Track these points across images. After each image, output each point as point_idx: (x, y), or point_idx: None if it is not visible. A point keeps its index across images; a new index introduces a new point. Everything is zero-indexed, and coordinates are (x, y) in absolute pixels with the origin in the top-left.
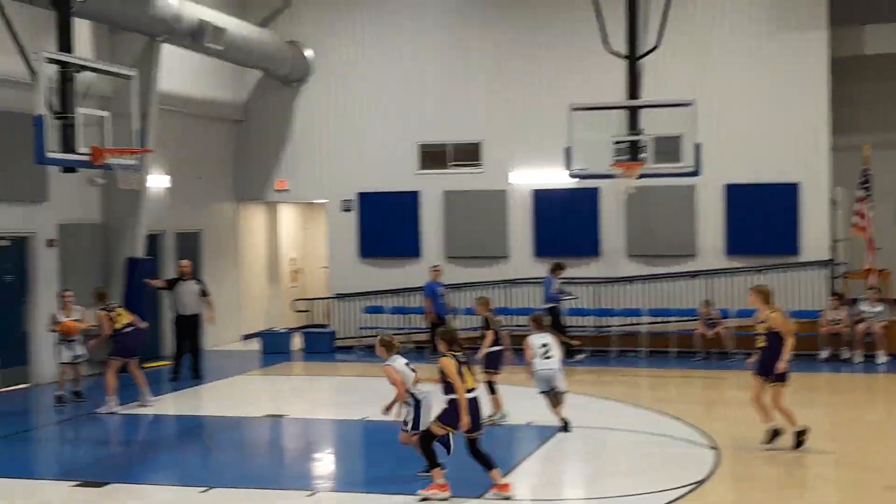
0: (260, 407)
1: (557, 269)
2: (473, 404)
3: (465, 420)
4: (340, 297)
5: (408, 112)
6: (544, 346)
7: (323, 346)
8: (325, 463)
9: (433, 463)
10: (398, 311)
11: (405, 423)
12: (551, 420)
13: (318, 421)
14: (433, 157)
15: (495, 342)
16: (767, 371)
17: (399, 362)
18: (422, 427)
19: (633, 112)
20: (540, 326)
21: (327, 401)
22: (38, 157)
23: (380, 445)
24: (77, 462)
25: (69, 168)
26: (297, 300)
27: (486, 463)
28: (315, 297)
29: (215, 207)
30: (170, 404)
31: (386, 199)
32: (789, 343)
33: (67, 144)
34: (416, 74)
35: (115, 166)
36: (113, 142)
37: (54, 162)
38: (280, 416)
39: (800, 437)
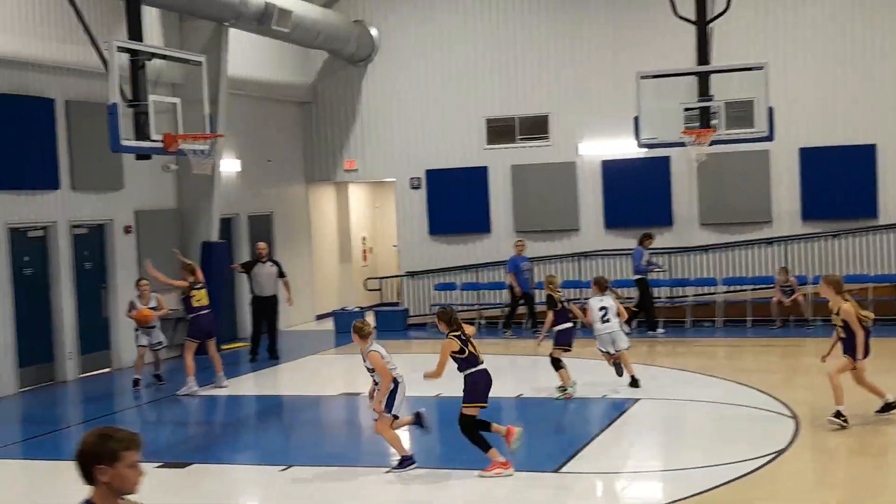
0: (335, 386)
1: (646, 239)
2: (485, 377)
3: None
4: (411, 274)
5: (474, 87)
6: (602, 308)
7: (396, 324)
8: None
9: (484, 445)
10: (469, 287)
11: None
12: (626, 393)
13: None
14: (500, 131)
15: (565, 319)
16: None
17: (381, 348)
18: (394, 410)
19: (703, 78)
20: (601, 289)
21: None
22: (114, 146)
23: (454, 422)
24: (160, 443)
25: (143, 155)
26: (369, 279)
27: (483, 427)
28: (386, 275)
29: (286, 189)
30: (249, 384)
31: (454, 176)
32: (860, 337)
33: (141, 132)
34: (481, 48)
35: (188, 152)
36: (184, 128)
37: (129, 150)
38: (355, 394)
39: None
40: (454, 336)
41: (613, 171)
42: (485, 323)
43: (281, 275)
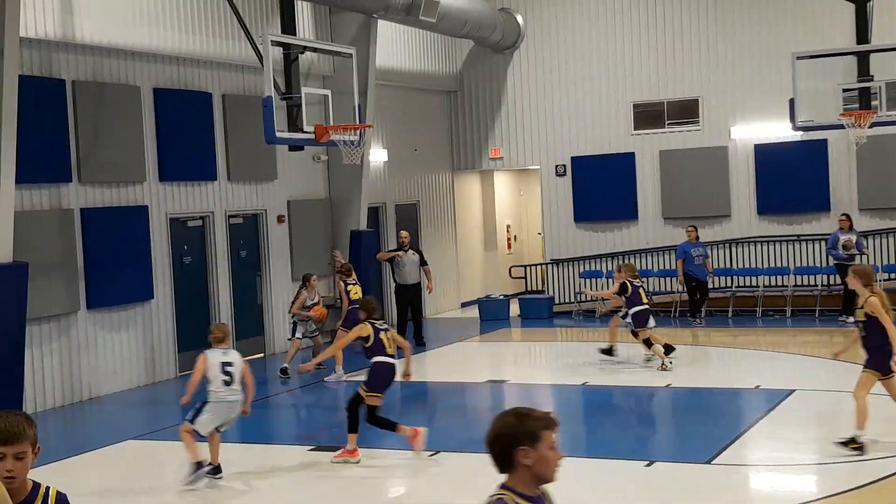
0: (481, 373)
1: (845, 222)
2: (389, 369)
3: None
4: (556, 262)
5: (621, 72)
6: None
7: (541, 311)
8: None
9: (353, 427)
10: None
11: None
12: (780, 383)
13: (538, 386)
14: (648, 116)
15: (639, 302)
16: (877, 364)
17: (213, 354)
18: (198, 426)
19: (863, 57)
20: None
21: (547, 366)
22: (268, 138)
23: (601, 410)
24: (310, 427)
25: (296, 146)
26: (514, 267)
27: (388, 425)
28: (531, 263)
29: (432, 178)
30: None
31: (600, 162)
32: (891, 332)
33: (293, 124)
34: (628, 32)
35: (339, 143)
36: (334, 119)
37: (282, 141)
38: (501, 381)
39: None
40: (368, 322)
41: (767, 156)
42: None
43: (423, 263)
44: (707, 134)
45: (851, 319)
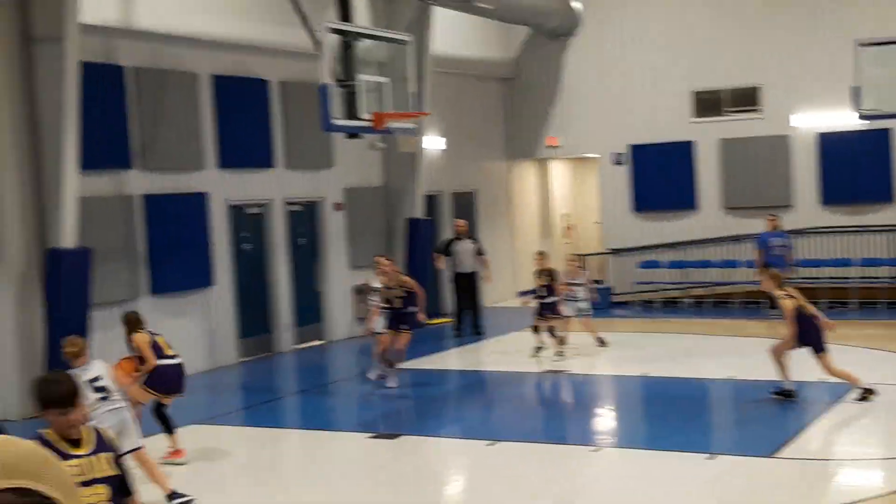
0: (540, 363)
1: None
2: (176, 370)
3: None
4: (614, 251)
5: (680, 59)
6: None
7: (599, 301)
8: (606, 418)
9: (167, 429)
10: (675, 265)
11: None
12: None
13: (597, 377)
14: (708, 104)
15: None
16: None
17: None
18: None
19: None
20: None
21: (605, 356)
22: (325, 125)
23: (661, 401)
24: (370, 415)
25: (353, 134)
26: (571, 256)
27: (168, 427)
28: (588, 252)
29: (488, 166)
30: (452, 360)
31: (659, 151)
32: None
33: (350, 111)
34: (687, 18)
35: (396, 130)
36: (391, 106)
37: (340, 129)
38: (559, 371)
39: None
40: (142, 332)
41: (830, 145)
42: (693, 302)
43: (479, 252)
44: (768, 122)
45: None
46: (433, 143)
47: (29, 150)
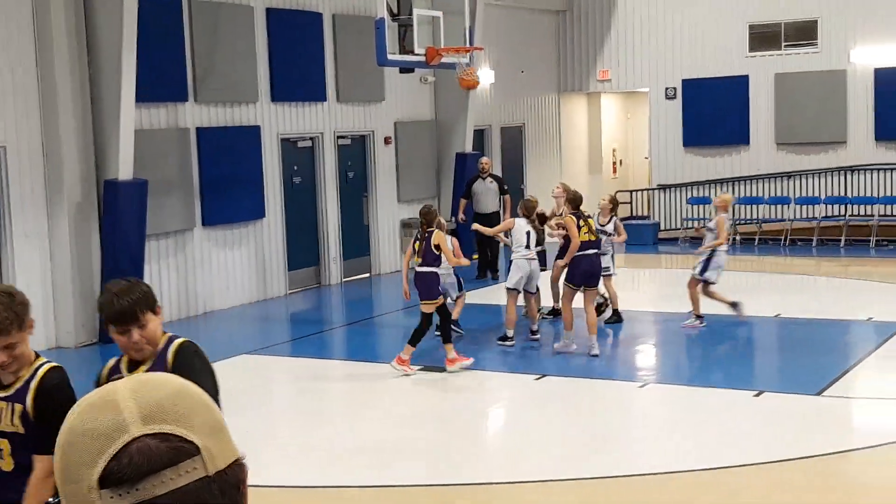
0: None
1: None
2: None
3: None
4: (663, 188)
5: None
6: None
7: (646, 238)
8: (647, 356)
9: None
10: None
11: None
12: (893, 316)
13: (643, 313)
14: (764, 38)
15: None
16: None
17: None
18: None
19: None
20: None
21: (651, 294)
22: (380, 60)
23: (709, 339)
24: (422, 348)
25: (406, 69)
26: (619, 192)
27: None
28: (637, 188)
29: (537, 100)
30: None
31: (712, 85)
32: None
33: (404, 46)
34: None
35: (454, 65)
36: (444, 41)
37: (394, 63)
38: (603, 307)
39: None
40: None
41: (887, 80)
42: (740, 240)
43: (503, 192)
44: (825, 57)
45: None
46: (483, 76)
47: (86, 81)
